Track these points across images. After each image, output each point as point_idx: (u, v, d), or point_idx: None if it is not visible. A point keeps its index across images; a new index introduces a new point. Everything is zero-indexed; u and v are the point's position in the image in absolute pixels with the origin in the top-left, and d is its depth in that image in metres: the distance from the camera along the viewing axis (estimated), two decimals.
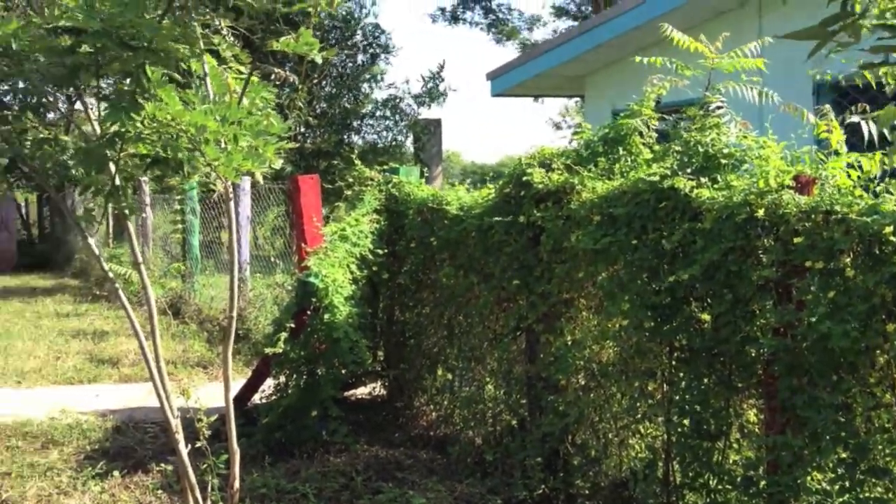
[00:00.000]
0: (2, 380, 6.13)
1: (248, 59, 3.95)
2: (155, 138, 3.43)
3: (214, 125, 3.06)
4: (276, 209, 9.79)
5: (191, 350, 6.98)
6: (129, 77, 3.41)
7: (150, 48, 3.18)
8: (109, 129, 3.51)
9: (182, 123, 3.14)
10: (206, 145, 3.12)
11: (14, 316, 9.06)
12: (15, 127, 3.66)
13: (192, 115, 3.01)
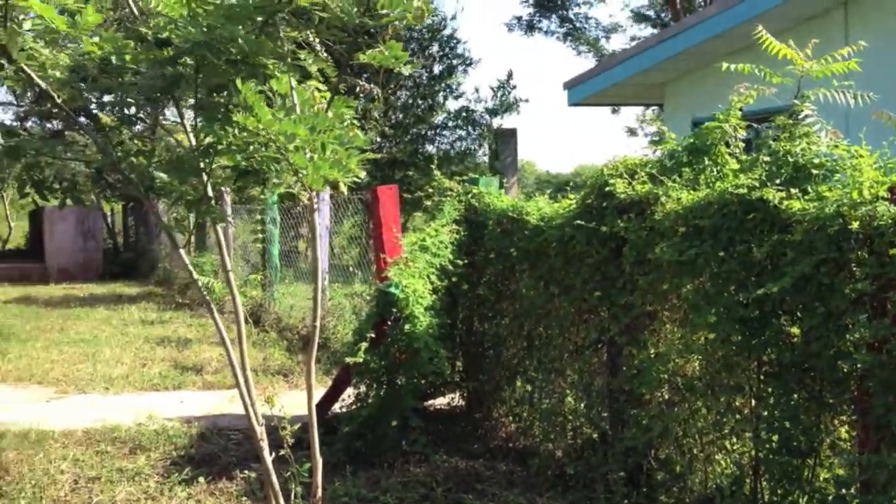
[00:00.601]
0: (91, 386, 6.29)
1: (333, 73, 4.01)
2: (244, 149, 3.50)
3: (304, 133, 3.11)
4: (352, 219, 9.89)
5: (271, 358, 7.08)
6: (223, 90, 3.49)
7: (246, 62, 3.24)
8: (203, 140, 3.59)
9: (272, 133, 3.19)
10: (295, 154, 3.16)
11: (101, 323, 9.31)
12: (112, 138, 3.77)
13: (282, 125, 3.06)
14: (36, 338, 8.22)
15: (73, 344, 7.90)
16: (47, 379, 6.48)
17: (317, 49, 3.95)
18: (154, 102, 3.80)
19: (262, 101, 3.23)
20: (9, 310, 10.44)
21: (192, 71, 3.36)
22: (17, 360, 7.08)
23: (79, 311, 10.39)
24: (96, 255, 15.64)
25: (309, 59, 3.90)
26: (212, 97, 3.53)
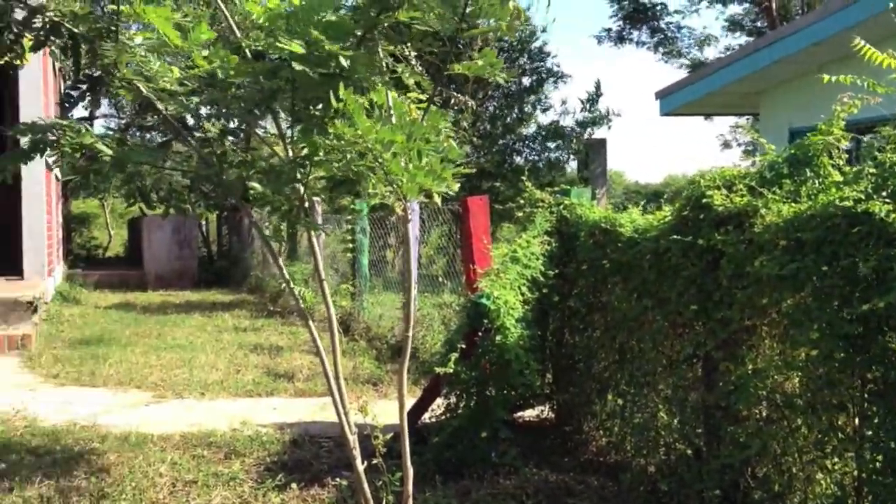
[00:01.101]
0: (187, 391, 6.45)
1: (429, 85, 4.04)
2: (340, 160, 3.55)
3: (401, 139, 3.14)
4: (439, 229, 9.95)
5: (361, 367, 7.15)
6: (319, 102, 3.55)
7: (344, 75, 3.29)
8: (300, 151, 3.66)
9: (369, 141, 3.22)
10: (392, 161, 3.19)
11: (197, 329, 9.53)
12: (215, 149, 3.87)
13: (380, 132, 3.09)
14: (135, 343, 8.46)
15: (170, 349, 8.10)
16: (146, 383, 6.66)
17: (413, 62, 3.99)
18: (253, 115, 3.88)
19: (362, 110, 3.28)
20: (109, 315, 10.78)
21: (290, 84, 3.44)
22: (117, 364, 7.29)
23: (175, 317, 10.67)
24: (192, 263, 16.03)
25: (406, 71, 3.95)
26: (308, 109, 3.60)
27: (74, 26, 3.62)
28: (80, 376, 6.89)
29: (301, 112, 3.66)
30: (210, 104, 4.14)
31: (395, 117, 3.51)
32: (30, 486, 4.31)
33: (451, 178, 3.34)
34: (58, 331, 9.07)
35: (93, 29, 3.58)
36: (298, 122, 3.68)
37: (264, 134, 4.11)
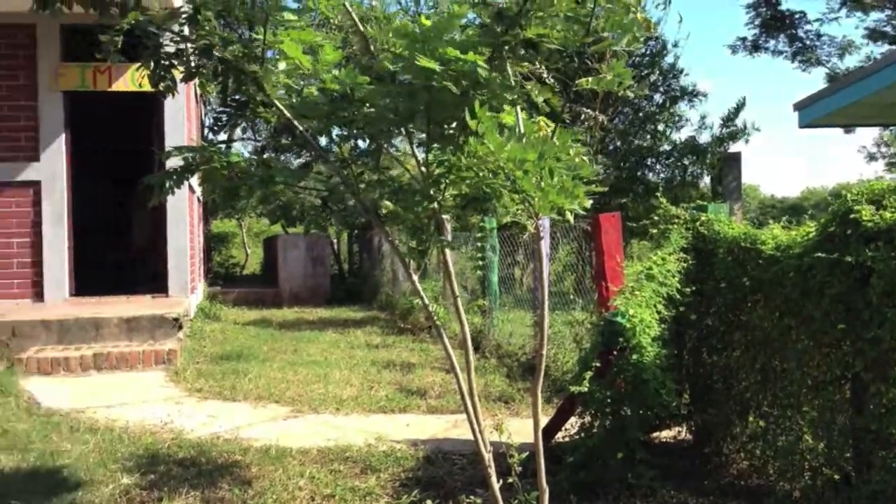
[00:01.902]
0: (323, 406, 6.58)
1: (558, 102, 4.02)
2: (473, 178, 3.57)
3: (533, 157, 3.14)
4: (568, 246, 9.86)
5: (492, 385, 7.15)
6: (451, 121, 3.59)
7: (477, 93, 3.32)
8: (435, 170, 3.70)
9: (501, 159, 3.24)
10: (524, 179, 3.19)
11: (330, 346, 9.74)
12: (353, 169, 3.96)
13: (511, 150, 3.10)
14: (272, 359, 8.71)
15: (306, 365, 8.30)
16: (284, 398, 6.84)
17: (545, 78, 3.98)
18: (388, 134, 3.95)
19: (494, 128, 3.29)
20: (247, 331, 11.13)
21: (425, 105, 3.49)
22: (256, 379, 7.52)
23: (309, 333, 10.94)
24: (324, 280, 16.43)
25: (535, 89, 3.94)
26: (442, 129, 3.64)
27: (224, 52, 3.77)
28: (221, 390, 7.14)
29: (435, 131, 3.71)
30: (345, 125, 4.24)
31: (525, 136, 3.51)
32: (177, 496, 4.48)
33: (582, 196, 3.32)
34: (200, 346, 9.42)
35: (240, 55, 3.72)
36: (432, 142, 3.73)
37: (395, 152, 4.18)
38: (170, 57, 3.85)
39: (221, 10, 3.74)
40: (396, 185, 3.93)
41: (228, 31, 3.96)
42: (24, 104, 10.31)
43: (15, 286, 10.24)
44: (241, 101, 4.16)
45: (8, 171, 10.23)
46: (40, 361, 7.94)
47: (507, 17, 3.46)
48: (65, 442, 5.50)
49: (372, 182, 4.01)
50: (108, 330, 8.70)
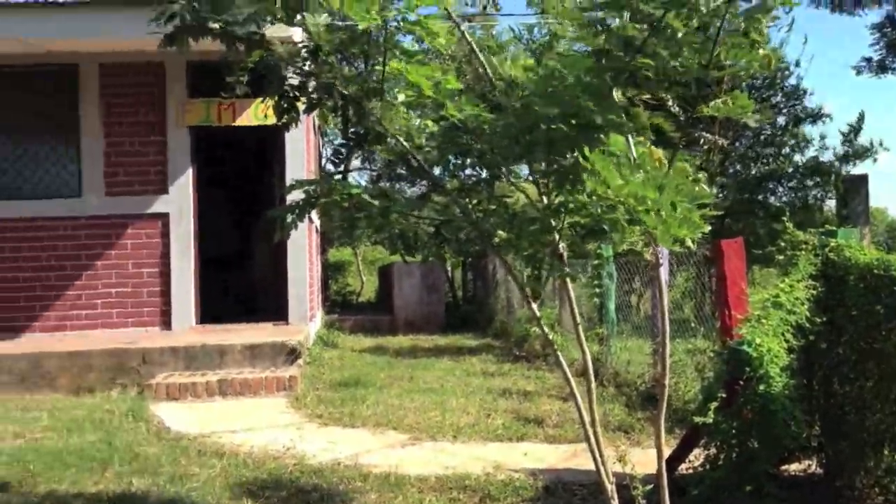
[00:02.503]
0: (441, 433, 6.60)
1: (671, 128, 3.96)
2: (594, 210, 3.55)
3: (653, 194, 3.10)
4: (686, 272, 9.69)
5: (611, 413, 7.04)
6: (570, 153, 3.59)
7: (596, 126, 3.31)
8: (554, 200, 3.70)
9: (621, 195, 3.22)
10: (646, 215, 3.16)
11: (446, 373, 9.77)
12: (471, 198, 3.99)
13: (631, 186, 3.07)
14: (389, 386, 8.80)
15: (422, 392, 8.35)
16: (402, 425, 6.89)
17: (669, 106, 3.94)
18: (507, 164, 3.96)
19: (612, 165, 3.28)
20: (364, 358, 11.28)
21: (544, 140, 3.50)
22: (374, 406, 7.60)
23: (425, 361, 11.00)
24: (439, 308, 16.52)
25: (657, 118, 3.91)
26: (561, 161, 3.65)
27: (345, 88, 3.86)
28: (341, 417, 7.24)
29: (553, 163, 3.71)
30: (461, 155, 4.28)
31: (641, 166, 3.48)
32: None
33: (702, 223, 3.27)
34: (319, 373, 9.59)
35: (361, 89, 3.81)
36: (550, 174, 3.73)
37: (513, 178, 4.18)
38: (293, 89, 3.97)
39: (339, 46, 3.83)
40: (510, 214, 3.94)
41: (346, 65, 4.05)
42: (153, 139, 10.79)
43: (145, 314, 10.67)
44: (361, 135, 4.25)
45: (139, 204, 10.70)
46: (169, 387, 8.23)
47: (633, 46, 3.44)
48: (193, 465, 5.67)
49: (489, 211, 4.04)
50: (231, 357, 8.96)
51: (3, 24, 9.38)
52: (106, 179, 10.72)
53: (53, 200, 10.64)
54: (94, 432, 6.58)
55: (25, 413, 7.36)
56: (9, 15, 9.38)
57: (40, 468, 5.58)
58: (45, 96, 10.73)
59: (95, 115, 10.70)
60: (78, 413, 7.27)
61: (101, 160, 10.72)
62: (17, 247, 10.55)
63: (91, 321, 10.60)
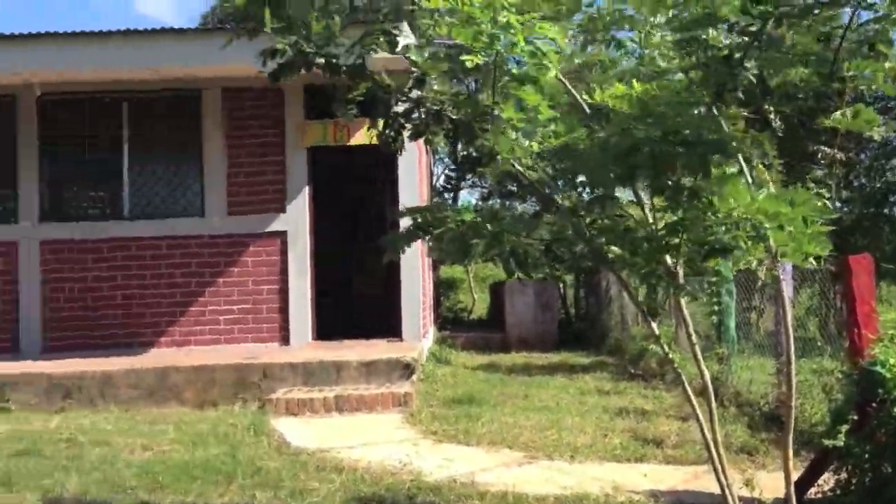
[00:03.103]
0: (557, 452, 6.54)
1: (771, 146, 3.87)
2: (716, 229, 3.49)
3: (787, 210, 3.03)
4: (808, 289, 9.38)
5: (733, 435, 6.84)
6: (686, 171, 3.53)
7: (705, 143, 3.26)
8: (669, 218, 3.65)
9: (750, 212, 3.15)
10: (776, 232, 3.09)
11: (560, 391, 9.68)
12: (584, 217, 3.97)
13: (762, 203, 3.01)
14: (503, 403, 8.77)
15: (537, 411, 8.29)
16: (517, 444, 6.86)
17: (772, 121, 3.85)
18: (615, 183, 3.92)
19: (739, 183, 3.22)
20: (477, 376, 11.28)
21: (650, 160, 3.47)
22: (489, 423, 7.59)
23: (539, 378, 10.93)
24: (552, 326, 16.38)
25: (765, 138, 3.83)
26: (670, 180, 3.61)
27: (454, 113, 3.91)
28: (456, 434, 7.26)
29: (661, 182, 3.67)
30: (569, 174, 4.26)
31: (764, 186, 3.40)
32: None
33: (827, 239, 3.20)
34: (433, 389, 9.64)
35: (470, 114, 3.84)
36: (659, 191, 3.68)
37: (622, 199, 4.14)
38: (398, 117, 4.03)
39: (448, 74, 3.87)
40: (624, 230, 3.90)
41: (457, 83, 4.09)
42: (272, 160, 11.10)
43: (264, 330, 10.95)
44: (473, 158, 4.29)
45: (258, 223, 11.01)
46: (288, 402, 8.42)
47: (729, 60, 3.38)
48: (312, 480, 5.78)
49: (603, 227, 4.01)
50: (347, 373, 9.10)
51: (137, 53, 9.83)
52: (228, 199, 11.09)
53: (178, 220, 11.05)
54: (219, 446, 6.78)
55: (153, 426, 7.64)
56: (143, 42, 9.83)
57: (168, 480, 5.78)
58: (172, 120, 11.16)
59: (218, 137, 11.08)
60: (202, 427, 7.51)
61: (223, 181, 11.09)
62: (144, 265, 10.98)
63: (214, 336, 10.95)
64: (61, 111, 11.10)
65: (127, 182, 11.10)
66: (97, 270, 10.96)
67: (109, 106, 11.08)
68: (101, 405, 8.67)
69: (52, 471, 6.06)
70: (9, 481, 5.82)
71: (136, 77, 10.54)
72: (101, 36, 9.91)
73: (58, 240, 10.99)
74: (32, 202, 11.03)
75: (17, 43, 9.89)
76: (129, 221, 11.05)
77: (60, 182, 11.30)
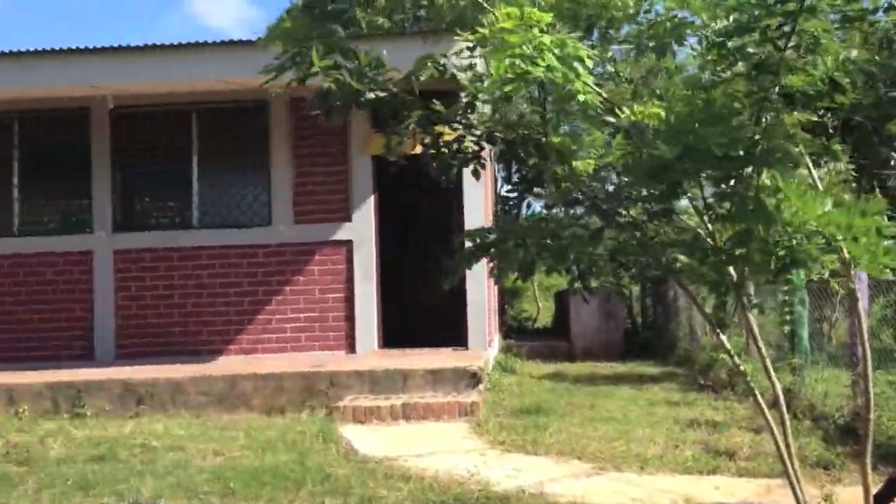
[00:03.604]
0: (626, 464, 6.47)
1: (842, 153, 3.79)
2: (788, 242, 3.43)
3: (860, 222, 2.97)
4: (882, 298, 9.17)
5: (807, 448, 6.68)
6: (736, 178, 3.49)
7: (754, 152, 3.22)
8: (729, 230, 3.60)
9: (819, 224, 3.10)
10: (850, 244, 3.03)
11: (628, 402, 9.58)
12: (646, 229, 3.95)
13: (835, 216, 2.95)
14: (570, 414, 8.70)
15: (605, 421, 8.22)
16: (585, 454, 6.80)
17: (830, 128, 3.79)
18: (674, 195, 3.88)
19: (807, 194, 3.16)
20: (543, 385, 11.23)
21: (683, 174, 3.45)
22: (556, 434, 7.54)
23: (605, 388, 10.83)
24: (617, 335, 16.23)
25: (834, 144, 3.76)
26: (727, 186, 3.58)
27: (507, 135, 3.92)
28: (523, 444, 7.23)
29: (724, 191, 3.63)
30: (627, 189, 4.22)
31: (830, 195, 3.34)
32: None
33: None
34: (499, 399, 9.61)
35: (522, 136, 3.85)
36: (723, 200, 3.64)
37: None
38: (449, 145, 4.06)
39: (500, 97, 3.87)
40: (690, 239, 3.87)
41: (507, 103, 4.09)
42: (337, 169, 11.22)
43: (331, 338, 11.05)
44: (532, 178, 4.31)
45: (324, 231, 11.13)
46: (355, 410, 8.47)
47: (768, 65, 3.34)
48: (381, 488, 5.80)
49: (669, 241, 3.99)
50: (413, 381, 9.13)
51: (206, 65, 10.03)
52: (294, 208, 11.23)
53: (246, 229, 11.23)
54: (288, 452, 6.86)
55: (224, 432, 7.75)
56: (212, 54, 10.03)
57: (239, 485, 5.86)
58: (240, 131, 11.35)
59: (284, 147, 11.24)
60: (271, 433, 7.60)
61: (290, 190, 11.24)
62: (213, 273, 11.18)
63: (281, 344, 11.09)
64: (133, 123, 11.38)
65: (196, 192, 11.33)
66: (168, 279, 11.19)
67: (179, 117, 11.33)
68: (173, 411, 8.84)
69: (127, 476, 6.20)
70: (86, 485, 5.97)
71: (205, 88, 10.73)
72: (172, 49, 10.14)
73: (130, 249, 11.25)
74: (106, 212, 11.32)
75: (93, 56, 10.16)
76: (198, 230, 11.27)
77: (132, 192, 11.59)
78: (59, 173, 11.49)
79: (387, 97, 3.88)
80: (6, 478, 6.26)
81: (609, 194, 4.12)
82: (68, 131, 11.45)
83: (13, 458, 6.91)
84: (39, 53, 10.20)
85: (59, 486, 6.00)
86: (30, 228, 11.53)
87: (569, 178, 3.86)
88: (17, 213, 11.47)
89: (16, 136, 11.49)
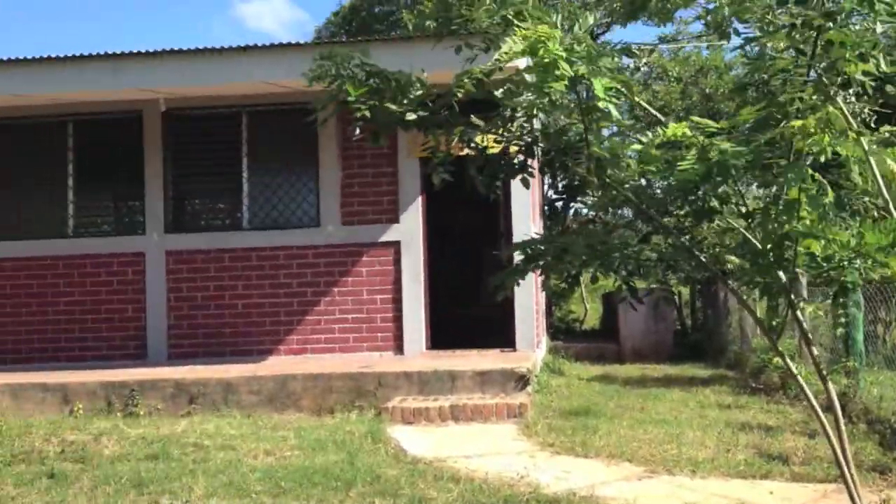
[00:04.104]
0: (677, 467, 6.39)
1: None
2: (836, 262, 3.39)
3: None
4: None
5: (863, 452, 6.55)
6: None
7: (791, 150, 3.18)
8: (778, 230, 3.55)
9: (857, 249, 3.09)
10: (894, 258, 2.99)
11: (678, 404, 9.47)
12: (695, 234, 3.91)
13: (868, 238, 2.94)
14: (620, 416, 8.63)
15: (655, 424, 8.13)
16: (636, 457, 6.74)
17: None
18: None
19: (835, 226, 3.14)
20: (591, 387, 11.15)
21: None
22: (606, 436, 7.48)
23: (655, 391, 10.72)
24: (667, 336, 16.07)
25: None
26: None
27: (548, 145, 3.92)
28: (573, 446, 7.18)
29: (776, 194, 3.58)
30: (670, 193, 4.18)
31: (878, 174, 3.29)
32: None
33: None
34: (548, 400, 9.57)
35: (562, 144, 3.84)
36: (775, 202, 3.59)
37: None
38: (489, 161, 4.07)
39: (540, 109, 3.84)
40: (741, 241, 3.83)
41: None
42: (385, 170, 11.25)
43: (379, 339, 11.09)
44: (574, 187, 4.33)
45: (372, 233, 11.17)
46: (403, 411, 8.49)
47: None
48: (430, 489, 5.80)
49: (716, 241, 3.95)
50: (461, 382, 9.12)
51: (256, 68, 10.13)
52: (342, 209, 11.28)
53: (295, 230, 11.31)
54: (337, 453, 6.89)
55: (274, 432, 7.81)
56: (263, 57, 10.12)
57: (290, 485, 5.91)
58: (289, 132, 11.42)
59: (333, 148, 11.29)
60: (321, 433, 7.64)
61: (338, 191, 11.29)
62: (262, 274, 11.28)
63: (329, 345, 11.15)
64: (184, 125, 11.52)
65: (246, 193, 11.43)
66: (218, 280, 11.31)
67: (229, 119, 11.45)
68: (224, 410, 8.93)
69: (180, 474, 6.27)
70: (140, 483, 6.06)
71: (255, 91, 10.83)
72: (222, 52, 10.24)
73: (182, 250, 11.39)
74: (158, 214, 11.47)
75: (146, 60, 10.29)
76: (249, 232, 11.37)
77: (183, 194, 11.73)
78: (113, 175, 11.67)
79: (428, 116, 3.93)
80: (62, 476, 6.37)
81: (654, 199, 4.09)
82: (121, 134, 11.62)
83: (69, 456, 7.04)
84: (92, 58, 10.36)
85: (113, 485, 6.09)
86: (84, 230, 11.75)
87: (613, 186, 3.83)
88: (72, 215, 11.67)
89: (70, 138, 11.69)
